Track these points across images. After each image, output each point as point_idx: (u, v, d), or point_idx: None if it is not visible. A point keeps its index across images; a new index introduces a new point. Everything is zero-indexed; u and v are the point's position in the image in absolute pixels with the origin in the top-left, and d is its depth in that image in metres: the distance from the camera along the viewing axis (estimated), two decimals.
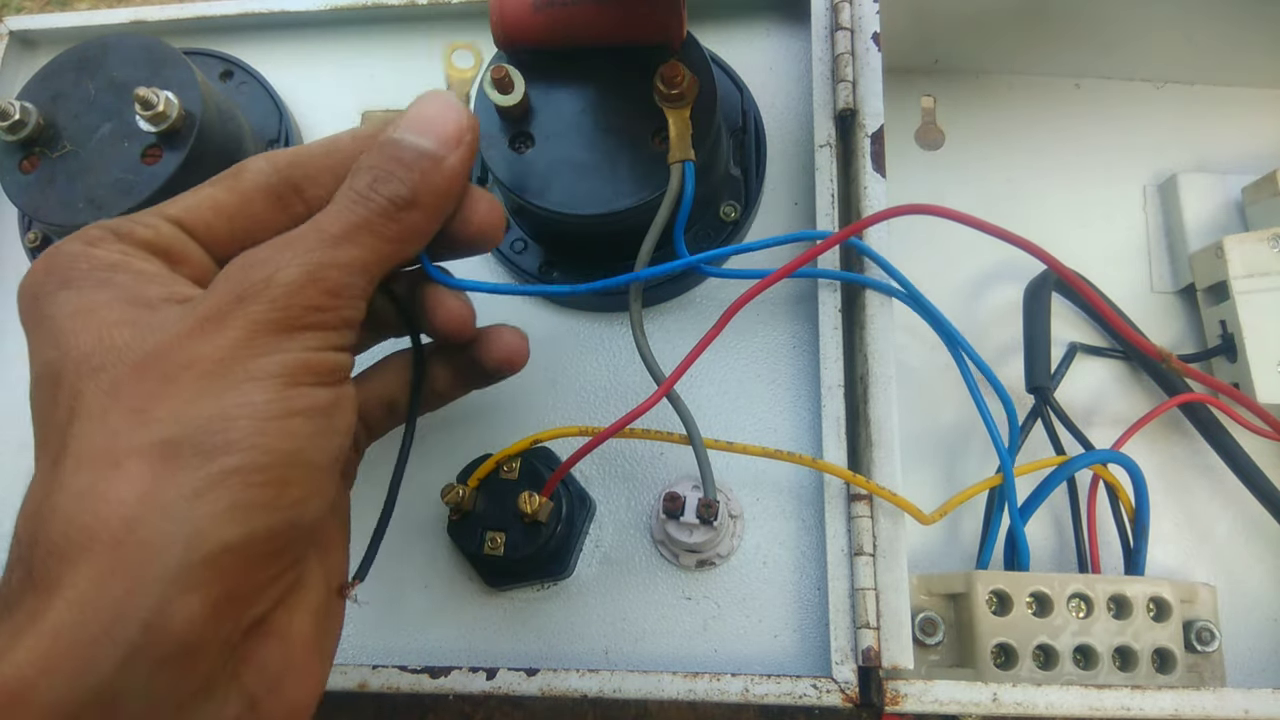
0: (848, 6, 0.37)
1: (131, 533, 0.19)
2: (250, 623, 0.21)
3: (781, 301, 0.36)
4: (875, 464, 0.31)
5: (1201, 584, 0.33)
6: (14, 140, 0.35)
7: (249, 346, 0.22)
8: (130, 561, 0.19)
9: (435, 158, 0.25)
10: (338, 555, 0.27)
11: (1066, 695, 0.29)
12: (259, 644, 0.22)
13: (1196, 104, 0.44)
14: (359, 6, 0.42)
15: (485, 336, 0.29)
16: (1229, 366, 0.38)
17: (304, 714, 0.23)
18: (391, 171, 0.24)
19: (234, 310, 0.22)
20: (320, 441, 0.22)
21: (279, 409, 0.21)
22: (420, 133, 0.25)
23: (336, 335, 0.23)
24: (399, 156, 0.24)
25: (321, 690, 0.24)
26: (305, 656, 0.23)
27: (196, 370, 0.21)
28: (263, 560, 0.21)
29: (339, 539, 0.27)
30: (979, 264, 0.41)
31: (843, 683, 0.29)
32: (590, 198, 0.31)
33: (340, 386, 0.23)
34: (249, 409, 0.21)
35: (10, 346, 0.41)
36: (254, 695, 0.22)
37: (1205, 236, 0.40)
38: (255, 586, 0.21)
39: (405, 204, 0.24)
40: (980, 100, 0.45)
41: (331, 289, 0.23)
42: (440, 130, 0.25)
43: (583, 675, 0.30)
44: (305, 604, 0.24)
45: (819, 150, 0.36)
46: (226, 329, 0.22)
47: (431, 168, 0.24)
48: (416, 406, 0.29)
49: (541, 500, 0.30)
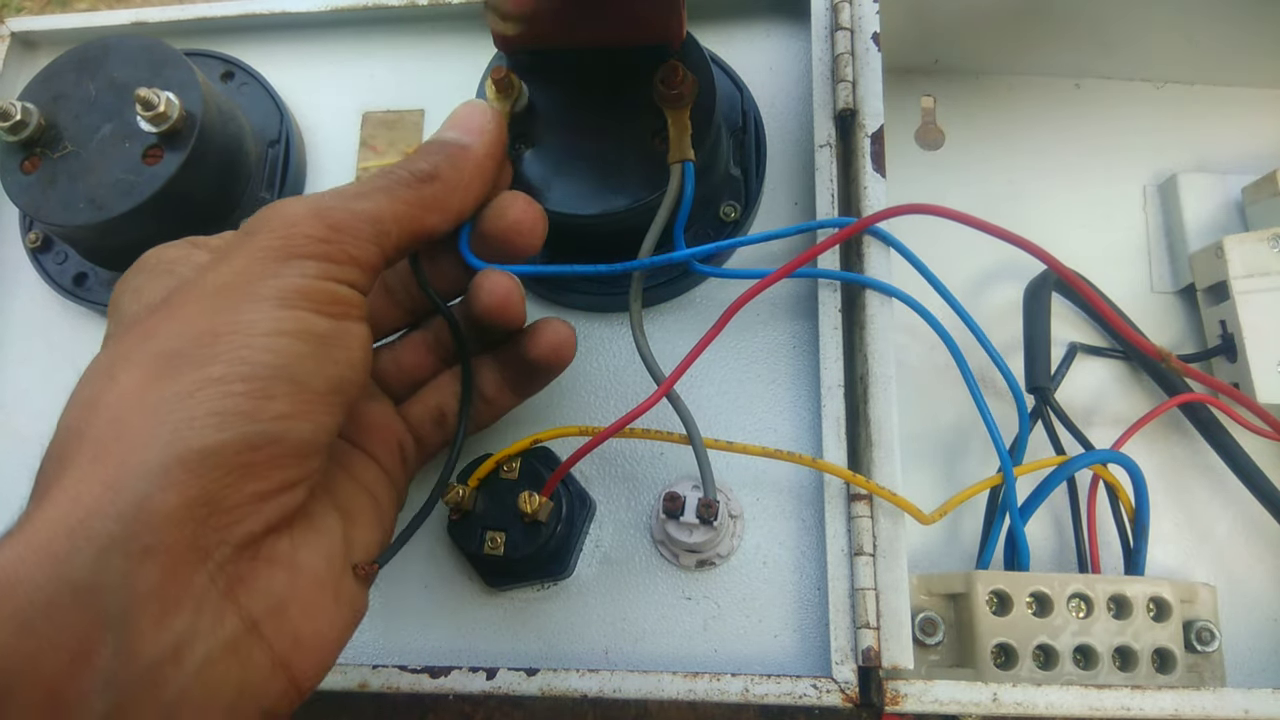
0: (848, 6, 0.37)
1: (117, 432, 0.21)
2: (242, 540, 0.22)
3: (781, 301, 0.36)
4: (875, 464, 0.31)
5: (1201, 584, 0.33)
6: (15, 141, 0.35)
7: (249, 272, 0.23)
8: (113, 458, 0.20)
9: (459, 144, 0.28)
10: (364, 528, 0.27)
11: (1066, 695, 0.29)
12: (257, 567, 0.22)
13: (1196, 104, 0.44)
14: (359, 7, 0.42)
15: (531, 328, 0.31)
16: (1229, 366, 0.38)
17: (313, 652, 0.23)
18: (419, 154, 0.27)
19: (243, 243, 0.24)
20: (310, 364, 0.23)
21: (267, 327, 0.22)
22: (449, 128, 0.29)
23: (337, 268, 0.24)
24: (428, 145, 0.28)
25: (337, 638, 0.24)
26: (314, 590, 0.23)
27: (201, 294, 0.23)
28: (242, 471, 0.21)
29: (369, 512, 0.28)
30: (979, 264, 0.41)
31: (843, 683, 0.29)
32: (590, 198, 0.31)
33: (341, 321, 0.24)
34: (237, 325, 0.22)
35: (11, 347, 0.41)
36: (254, 617, 0.22)
37: (1205, 236, 0.40)
38: (238, 498, 0.21)
39: (426, 176, 0.27)
40: (980, 100, 0.45)
41: (334, 224, 0.24)
42: (464, 124, 0.28)
43: (583, 675, 0.30)
44: (316, 543, 0.24)
45: (819, 150, 0.36)
46: (234, 259, 0.23)
47: (455, 151, 0.28)
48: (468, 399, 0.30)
49: (541, 500, 0.30)
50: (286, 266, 0.23)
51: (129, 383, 0.21)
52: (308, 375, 0.23)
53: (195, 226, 0.38)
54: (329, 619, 0.24)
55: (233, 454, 0.21)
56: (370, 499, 0.28)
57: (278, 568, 0.23)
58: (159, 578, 0.20)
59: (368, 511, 0.28)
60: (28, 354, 0.40)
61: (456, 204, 0.28)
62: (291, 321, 0.22)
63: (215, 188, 0.37)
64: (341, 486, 0.27)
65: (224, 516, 0.21)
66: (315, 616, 0.23)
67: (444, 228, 0.27)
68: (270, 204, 0.25)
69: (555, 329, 0.30)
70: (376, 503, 0.28)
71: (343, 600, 0.25)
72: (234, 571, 0.22)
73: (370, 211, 0.25)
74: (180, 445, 0.20)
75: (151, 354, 0.22)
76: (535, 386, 0.32)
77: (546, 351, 0.30)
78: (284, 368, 0.22)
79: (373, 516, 0.28)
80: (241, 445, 0.21)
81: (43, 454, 0.23)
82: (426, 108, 0.42)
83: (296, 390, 0.22)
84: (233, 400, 0.21)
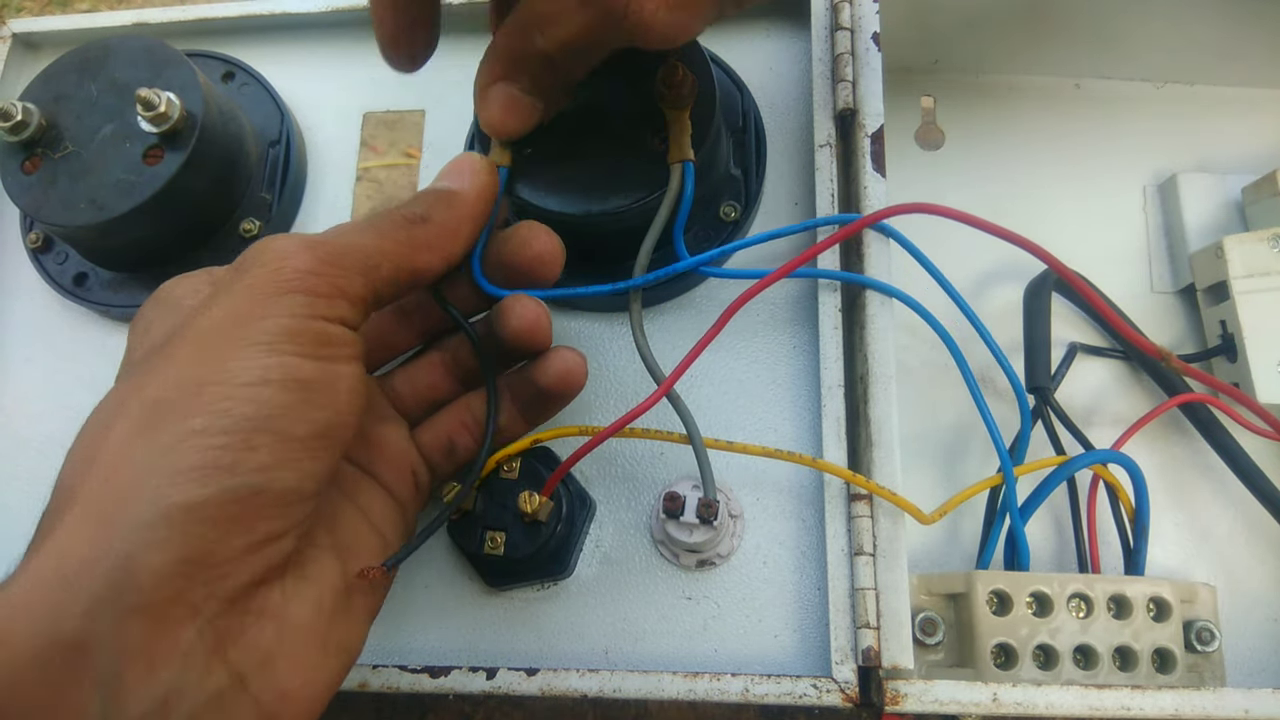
0: (848, 6, 0.37)
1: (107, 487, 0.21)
2: (231, 594, 0.21)
3: (781, 301, 0.36)
4: (875, 464, 0.31)
5: (1201, 584, 0.33)
6: (16, 141, 0.35)
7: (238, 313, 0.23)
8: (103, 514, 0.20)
9: (450, 190, 0.29)
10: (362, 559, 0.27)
11: (1066, 695, 0.29)
12: (246, 620, 0.22)
13: (1196, 104, 0.44)
14: (359, 7, 0.42)
15: (541, 357, 0.31)
16: (1229, 366, 0.38)
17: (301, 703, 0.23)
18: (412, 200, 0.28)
19: (235, 280, 0.24)
20: (294, 413, 0.22)
21: (251, 376, 0.22)
22: (441, 178, 0.30)
23: (326, 303, 0.24)
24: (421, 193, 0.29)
25: (326, 686, 0.24)
26: (303, 644, 0.23)
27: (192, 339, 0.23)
28: (227, 525, 0.21)
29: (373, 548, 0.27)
30: (979, 264, 0.41)
31: (843, 683, 0.29)
32: (590, 197, 0.31)
33: (329, 364, 0.24)
34: (222, 374, 0.22)
35: (11, 347, 0.41)
36: (241, 672, 0.22)
37: (1205, 236, 0.40)
38: (225, 553, 0.21)
39: (417, 218, 0.27)
40: (980, 100, 0.45)
41: (323, 256, 0.24)
42: (456, 171, 0.29)
43: (582, 675, 0.30)
44: (306, 593, 0.24)
45: (819, 150, 0.36)
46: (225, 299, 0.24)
47: (447, 195, 0.28)
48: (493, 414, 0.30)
49: (541, 500, 0.30)
50: (275, 304, 0.23)
51: (119, 435, 0.22)
52: (291, 424, 0.22)
53: (196, 227, 0.38)
54: (316, 671, 0.24)
55: (216, 508, 0.21)
56: (375, 534, 0.28)
57: (267, 620, 0.22)
58: (146, 634, 0.20)
59: (371, 547, 0.27)
60: (28, 354, 0.40)
61: (447, 245, 0.28)
62: (277, 370, 0.22)
63: (216, 188, 0.37)
64: (345, 522, 0.27)
65: (211, 572, 0.21)
66: (302, 669, 0.23)
67: (435, 267, 0.28)
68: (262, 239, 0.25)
69: (564, 357, 0.31)
70: (382, 538, 0.28)
71: (331, 650, 0.24)
72: (223, 626, 0.21)
73: (361, 246, 0.25)
74: (165, 501, 0.20)
75: (142, 403, 0.22)
76: (546, 414, 0.33)
77: (555, 380, 0.31)
78: (266, 418, 0.22)
79: (376, 552, 0.28)
80: (225, 499, 0.21)
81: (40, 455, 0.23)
82: (427, 108, 0.42)
83: (278, 440, 0.22)
84: (214, 454, 0.21)
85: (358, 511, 0.28)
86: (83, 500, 0.21)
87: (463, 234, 0.29)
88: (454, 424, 0.32)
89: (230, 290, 0.24)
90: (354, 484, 0.29)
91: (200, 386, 0.22)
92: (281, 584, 0.23)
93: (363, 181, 0.41)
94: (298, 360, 0.23)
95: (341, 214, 0.41)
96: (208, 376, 0.22)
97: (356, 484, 0.29)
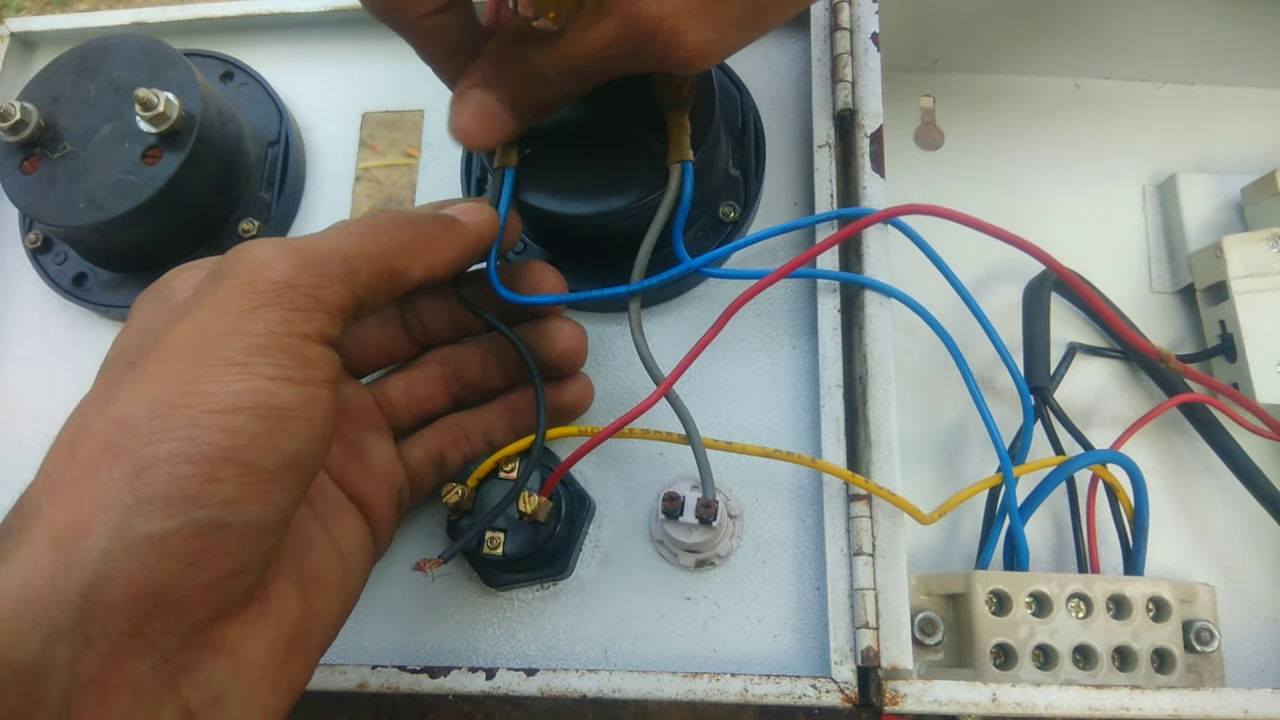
0: (847, 6, 0.37)
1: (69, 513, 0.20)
2: (189, 629, 0.21)
3: (781, 301, 0.36)
4: (874, 464, 0.31)
5: (1201, 584, 0.33)
6: (15, 141, 0.35)
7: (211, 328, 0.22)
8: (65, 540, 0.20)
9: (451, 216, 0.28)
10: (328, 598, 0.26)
11: (1066, 695, 0.29)
12: (202, 656, 0.21)
13: (1196, 104, 0.44)
14: (359, 7, 0.42)
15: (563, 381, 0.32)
16: (1228, 366, 0.38)
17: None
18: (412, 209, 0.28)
19: (209, 291, 0.23)
20: (264, 442, 0.21)
21: (222, 402, 0.21)
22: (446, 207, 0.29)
23: (304, 317, 0.23)
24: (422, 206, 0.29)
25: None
26: (256, 684, 0.22)
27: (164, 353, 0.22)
28: (189, 559, 0.20)
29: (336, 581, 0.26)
30: (979, 264, 0.41)
31: (842, 683, 0.29)
32: (589, 198, 0.31)
33: (304, 388, 0.22)
34: (193, 396, 0.21)
35: (11, 347, 0.41)
36: (191, 709, 0.21)
37: (1205, 236, 0.40)
38: (186, 588, 0.20)
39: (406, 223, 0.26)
40: (980, 100, 0.45)
41: (301, 264, 0.23)
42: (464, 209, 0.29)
43: (582, 675, 0.30)
44: (266, 632, 0.23)
45: (818, 150, 0.36)
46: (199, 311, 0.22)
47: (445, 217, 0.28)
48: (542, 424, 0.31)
49: (541, 500, 0.30)
50: (251, 320, 0.22)
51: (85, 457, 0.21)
52: (260, 455, 0.21)
53: (195, 227, 0.38)
54: (264, 713, 0.23)
55: (179, 542, 0.20)
56: (340, 565, 0.27)
57: (223, 656, 0.22)
58: (101, 667, 0.19)
59: (335, 580, 0.26)
60: (27, 354, 0.40)
61: (430, 255, 0.27)
62: (249, 396, 0.21)
63: (215, 188, 0.37)
64: (314, 550, 0.26)
65: (171, 607, 0.20)
66: (251, 709, 0.23)
67: (416, 276, 0.26)
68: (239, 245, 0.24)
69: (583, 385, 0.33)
70: (346, 569, 0.27)
71: (281, 690, 0.24)
72: (178, 661, 0.21)
73: (341, 249, 0.24)
74: (127, 531, 0.20)
75: (108, 422, 0.21)
76: None
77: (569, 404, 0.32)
78: (234, 449, 0.21)
79: (339, 585, 0.27)
80: (189, 532, 0.20)
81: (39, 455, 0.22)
82: (426, 108, 0.42)
83: (246, 472, 0.21)
84: (180, 483, 0.20)
85: (327, 538, 0.27)
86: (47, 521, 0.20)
87: (448, 253, 0.27)
88: (445, 439, 0.31)
89: (203, 303, 0.23)
90: (329, 506, 0.28)
91: (170, 408, 0.21)
92: (241, 620, 0.22)
93: (362, 182, 0.41)
94: (271, 385, 0.22)
95: (341, 214, 0.41)
96: (177, 399, 0.21)
97: (331, 506, 0.28)
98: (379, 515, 0.29)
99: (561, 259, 0.36)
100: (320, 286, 0.23)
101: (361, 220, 0.26)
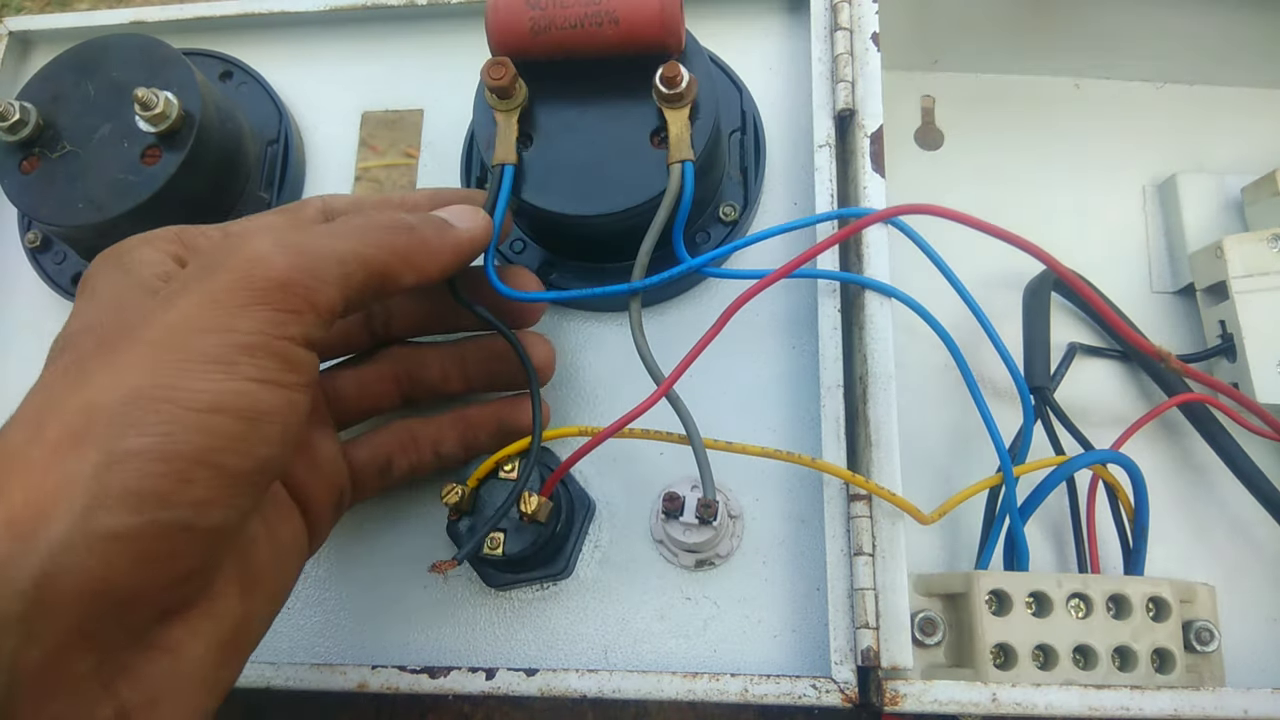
0: (847, 6, 0.37)
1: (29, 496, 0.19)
2: (135, 628, 0.20)
3: (781, 301, 0.36)
4: (875, 464, 0.31)
5: (1201, 584, 0.33)
6: (14, 141, 0.35)
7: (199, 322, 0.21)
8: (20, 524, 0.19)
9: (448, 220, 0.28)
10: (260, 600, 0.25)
11: (1066, 695, 0.29)
12: (145, 655, 0.21)
13: (1196, 104, 0.44)
14: (359, 6, 0.42)
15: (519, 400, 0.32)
16: (1229, 366, 0.38)
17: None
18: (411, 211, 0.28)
19: (200, 280, 0.22)
20: (241, 446, 0.21)
21: (204, 401, 0.20)
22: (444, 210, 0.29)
23: (295, 320, 0.22)
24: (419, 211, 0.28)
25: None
26: (192, 686, 0.22)
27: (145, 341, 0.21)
28: (148, 559, 0.20)
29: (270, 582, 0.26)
30: (979, 264, 0.41)
31: (842, 683, 0.29)
32: (589, 198, 0.31)
33: (288, 391, 0.22)
34: (174, 391, 0.20)
35: (10, 347, 0.41)
36: (127, 710, 0.20)
37: (1205, 236, 0.40)
38: (139, 587, 0.20)
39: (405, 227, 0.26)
40: (980, 100, 0.45)
41: (298, 264, 0.22)
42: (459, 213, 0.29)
43: (582, 675, 0.30)
44: (208, 632, 0.22)
45: (818, 150, 0.36)
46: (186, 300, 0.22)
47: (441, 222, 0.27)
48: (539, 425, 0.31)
49: (541, 500, 0.30)
50: (242, 317, 0.21)
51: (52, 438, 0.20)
52: (234, 459, 0.21)
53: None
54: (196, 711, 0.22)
55: (141, 540, 0.19)
56: (277, 565, 0.26)
57: (165, 655, 0.21)
58: (42, 662, 0.19)
59: (271, 579, 0.26)
60: (27, 354, 0.40)
61: (423, 261, 0.26)
62: (233, 397, 0.21)
63: (214, 188, 0.37)
64: (257, 550, 0.25)
65: (121, 607, 0.20)
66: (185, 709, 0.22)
67: (406, 280, 0.26)
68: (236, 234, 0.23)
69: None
70: (282, 568, 0.26)
71: (213, 690, 0.23)
72: (121, 660, 0.20)
73: (338, 250, 0.24)
74: (89, 523, 0.19)
75: (80, 406, 0.20)
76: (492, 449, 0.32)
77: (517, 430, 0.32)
78: (211, 450, 0.20)
79: (274, 584, 0.26)
80: (152, 532, 0.19)
81: None
82: (426, 107, 0.42)
83: (218, 475, 0.20)
84: (150, 481, 0.19)
85: (268, 536, 0.26)
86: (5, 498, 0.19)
87: (442, 258, 0.27)
88: (394, 444, 0.31)
89: (194, 292, 0.22)
90: (271, 503, 0.27)
91: (148, 402, 0.20)
92: (185, 619, 0.22)
93: (362, 181, 0.41)
94: (255, 387, 0.21)
95: None
96: (157, 392, 0.20)
97: (272, 503, 0.27)
98: (318, 514, 0.29)
99: (561, 258, 0.36)
100: (314, 289, 0.23)
101: (360, 219, 0.26)
